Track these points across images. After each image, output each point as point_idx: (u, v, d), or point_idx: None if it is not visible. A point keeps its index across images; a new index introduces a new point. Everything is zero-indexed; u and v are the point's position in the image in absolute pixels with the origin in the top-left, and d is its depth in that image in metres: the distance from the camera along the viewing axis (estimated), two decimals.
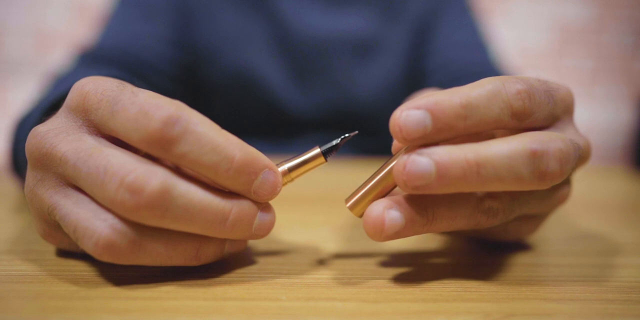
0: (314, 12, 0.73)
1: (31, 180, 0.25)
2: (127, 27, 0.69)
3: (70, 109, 0.24)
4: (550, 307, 0.23)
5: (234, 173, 0.23)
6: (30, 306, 0.22)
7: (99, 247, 0.22)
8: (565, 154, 0.22)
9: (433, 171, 0.22)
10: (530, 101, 0.24)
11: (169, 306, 0.22)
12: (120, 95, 0.23)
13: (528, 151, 0.22)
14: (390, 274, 0.26)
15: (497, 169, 0.22)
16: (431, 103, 0.22)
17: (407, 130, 0.22)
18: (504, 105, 0.23)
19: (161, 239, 0.23)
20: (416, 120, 0.22)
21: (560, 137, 0.23)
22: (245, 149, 0.23)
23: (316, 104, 0.73)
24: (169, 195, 0.21)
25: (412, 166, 0.22)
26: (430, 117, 0.22)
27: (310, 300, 0.23)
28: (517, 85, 0.23)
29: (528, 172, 0.22)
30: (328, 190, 0.51)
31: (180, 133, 0.22)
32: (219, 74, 0.72)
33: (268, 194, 0.24)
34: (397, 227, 0.24)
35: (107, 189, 0.21)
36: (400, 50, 0.75)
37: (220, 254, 0.26)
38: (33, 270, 0.26)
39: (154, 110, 0.22)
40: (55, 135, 0.24)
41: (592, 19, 1.64)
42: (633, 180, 0.65)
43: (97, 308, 0.21)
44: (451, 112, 0.22)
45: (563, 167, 0.22)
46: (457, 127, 0.22)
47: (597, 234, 0.36)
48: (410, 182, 0.22)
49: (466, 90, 0.23)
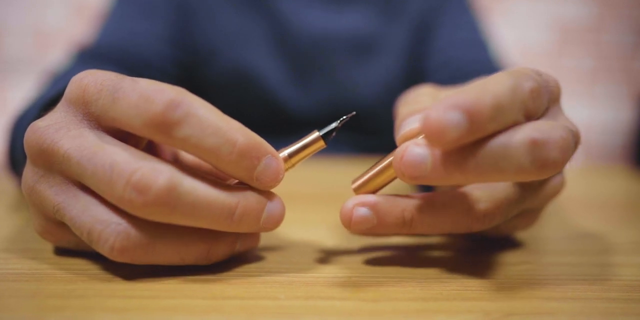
0: (314, 11, 0.73)
1: (31, 175, 0.24)
2: (126, 25, 0.68)
3: (70, 102, 0.24)
4: (551, 306, 0.23)
5: (236, 157, 0.23)
6: (26, 305, 0.21)
7: (115, 250, 0.22)
8: (567, 141, 0.22)
9: (429, 162, 0.22)
10: (539, 100, 0.23)
11: (167, 305, 0.22)
12: (120, 83, 0.23)
13: (528, 141, 0.21)
14: (390, 272, 0.26)
15: (497, 159, 0.21)
16: (468, 104, 0.20)
17: (445, 135, 0.21)
18: (520, 105, 0.22)
19: (174, 241, 0.24)
20: (455, 123, 0.20)
21: (560, 126, 0.22)
22: (248, 134, 0.23)
23: (316, 102, 0.73)
24: (175, 193, 0.22)
25: (408, 156, 0.22)
26: (467, 120, 0.20)
27: (309, 299, 0.23)
28: (530, 83, 0.23)
29: (528, 162, 0.21)
30: (327, 188, 0.50)
31: (182, 116, 0.22)
32: (218, 73, 0.72)
33: (271, 180, 0.24)
34: (367, 224, 0.25)
35: (115, 188, 0.21)
36: (400, 49, 0.75)
37: (231, 253, 0.26)
38: (30, 268, 0.26)
39: (156, 94, 0.22)
40: (56, 131, 0.23)
41: (592, 18, 1.64)
42: (633, 179, 0.65)
43: (94, 307, 0.21)
44: (486, 114, 0.21)
45: (565, 156, 0.22)
46: (487, 130, 0.21)
47: (598, 232, 0.36)
48: (407, 172, 0.22)
49: (492, 89, 0.21)
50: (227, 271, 0.26)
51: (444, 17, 0.76)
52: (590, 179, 0.66)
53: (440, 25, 0.75)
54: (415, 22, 0.75)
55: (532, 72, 0.24)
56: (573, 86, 1.63)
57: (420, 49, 0.75)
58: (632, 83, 1.66)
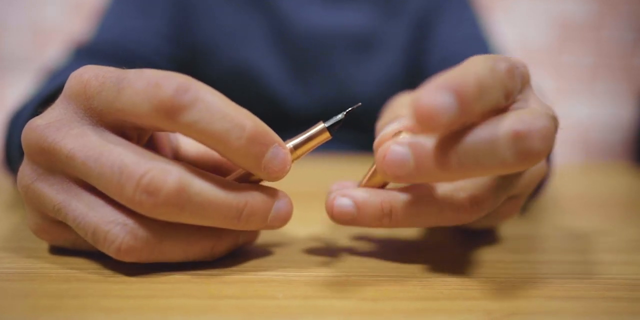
0: (313, 7, 0.72)
1: (29, 173, 0.24)
2: (123, 22, 0.68)
3: (70, 97, 0.24)
4: (554, 305, 0.22)
5: (245, 142, 0.22)
6: (20, 305, 0.21)
7: (122, 251, 0.23)
8: (549, 130, 0.21)
9: (411, 160, 0.22)
10: (515, 79, 0.23)
11: (163, 305, 0.21)
12: (124, 73, 0.23)
13: (511, 133, 0.20)
14: (390, 271, 0.26)
15: (480, 154, 0.21)
16: (456, 84, 0.20)
17: (438, 119, 0.20)
18: (500, 86, 0.22)
19: (179, 240, 0.24)
20: (447, 106, 0.20)
21: (541, 114, 0.21)
22: (256, 120, 0.23)
23: (315, 99, 0.73)
24: (185, 194, 0.22)
25: (390, 155, 0.22)
26: (457, 102, 0.20)
27: (307, 299, 0.22)
28: (504, 63, 0.22)
29: (512, 155, 0.21)
30: (327, 186, 0.50)
31: (191, 100, 0.21)
32: (217, 70, 0.71)
33: (279, 170, 0.24)
34: (348, 215, 0.25)
35: (124, 190, 0.21)
36: (400, 46, 0.74)
37: (234, 247, 0.26)
38: (24, 267, 0.25)
39: (164, 80, 0.22)
40: (57, 130, 0.23)
41: (592, 15, 1.64)
42: (634, 176, 0.65)
43: (88, 307, 0.21)
44: (473, 95, 0.20)
45: (547, 145, 0.21)
46: (475, 111, 0.20)
47: (599, 230, 0.35)
48: (390, 171, 0.22)
49: (473, 70, 0.21)
50: (225, 270, 0.25)
51: (444, 14, 0.75)
52: (591, 176, 0.66)
53: (440, 21, 0.75)
54: (415, 18, 0.75)
55: (502, 56, 0.24)
56: (573, 83, 1.63)
57: (420, 45, 0.75)
58: (633, 80, 1.66)
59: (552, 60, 1.63)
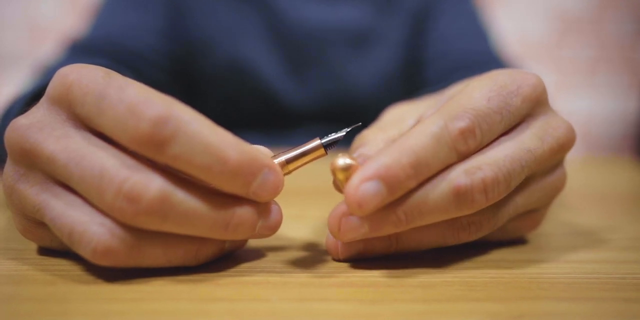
0: (309, 3, 0.72)
1: (12, 174, 0.23)
2: (118, 18, 0.68)
3: (54, 100, 0.23)
4: (562, 307, 0.21)
5: (228, 175, 0.22)
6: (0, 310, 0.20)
7: (98, 253, 0.21)
8: (493, 181, 0.23)
9: (366, 227, 0.23)
10: (475, 137, 0.23)
11: (151, 308, 0.20)
12: (106, 89, 0.22)
13: (453, 190, 0.22)
14: (390, 272, 0.25)
15: (424, 214, 0.23)
16: (382, 171, 0.22)
17: (366, 205, 0.22)
18: (448, 150, 0.23)
19: (160, 243, 0.23)
20: (373, 193, 0.22)
21: (490, 163, 0.23)
22: (242, 149, 0.22)
23: (312, 95, 0.73)
24: (168, 202, 0.21)
25: (345, 221, 0.23)
26: (385, 186, 0.22)
27: (303, 301, 0.21)
28: (461, 123, 0.23)
29: (454, 208, 0.23)
30: (324, 182, 0.49)
31: (171, 133, 0.21)
32: (213, 66, 0.71)
33: (268, 195, 0.23)
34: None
35: (104, 195, 0.21)
36: (397, 41, 0.74)
37: (219, 253, 0.25)
38: (9, 269, 0.24)
39: (143, 108, 0.21)
40: (39, 130, 0.22)
41: (592, 8, 1.63)
42: (636, 170, 0.64)
43: (73, 311, 0.20)
44: (403, 176, 0.22)
45: (489, 195, 0.23)
46: (409, 186, 0.22)
47: (603, 227, 0.34)
48: (345, 237, 0.24)
49: (411, 145, 0.22)
50: (216, 271, 0.24)
51: (442, 8, 0.75)
52: (592, 170, 0.65)
53: (438, 15, 0.74)
54: (412, 13, 0.74)
55: (479, 96, 0.24)
56: (573, 77, 1.62)
57: (417, 40, 0.74)
58: (633, 73, 1.65)
59: (552, 54, 1.62)
